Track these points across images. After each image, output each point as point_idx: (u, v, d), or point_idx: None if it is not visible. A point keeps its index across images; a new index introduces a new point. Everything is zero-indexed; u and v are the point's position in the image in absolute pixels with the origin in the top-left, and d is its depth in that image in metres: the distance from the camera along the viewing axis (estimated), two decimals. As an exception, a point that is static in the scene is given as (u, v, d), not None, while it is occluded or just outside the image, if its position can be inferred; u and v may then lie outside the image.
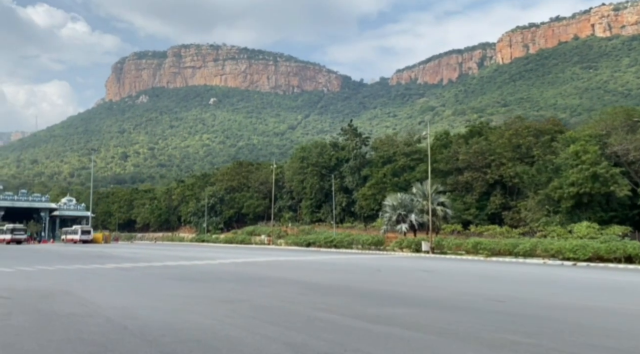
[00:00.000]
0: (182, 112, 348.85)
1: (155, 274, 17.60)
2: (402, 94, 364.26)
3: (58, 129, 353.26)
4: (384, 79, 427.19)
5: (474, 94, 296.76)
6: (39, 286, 13.25)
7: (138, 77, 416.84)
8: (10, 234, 62.46)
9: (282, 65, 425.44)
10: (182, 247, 54.45)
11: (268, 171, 76.30)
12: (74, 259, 28.15)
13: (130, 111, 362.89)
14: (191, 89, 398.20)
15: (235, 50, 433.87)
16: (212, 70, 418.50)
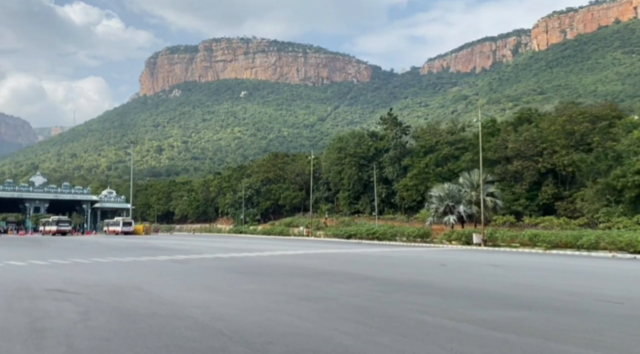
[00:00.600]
0: (213, 106, 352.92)
1: (214, 267, 16.93)
2: (434, 83, 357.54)
3: (95, 124, 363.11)
4: (415, 68, 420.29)
5: (509, 82, 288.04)
6: (102, 280, 12.68)
7: (171, 71, 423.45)
8: (55, 226, 63.94)
9: (311, 57, 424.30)
10: (222, 238, 54.32)
11: (304, 162, 75.50)
12: (123, 250, 28.02)
13: (163, 105, 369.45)
14: (222, 82, 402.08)
15: (265, 43, 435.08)
16: (243, 63, 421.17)
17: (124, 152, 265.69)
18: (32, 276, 13.62)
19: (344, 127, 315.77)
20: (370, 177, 59.67)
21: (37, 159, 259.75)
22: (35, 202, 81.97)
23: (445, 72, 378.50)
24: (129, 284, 11.90)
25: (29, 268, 16.51)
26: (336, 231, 52.17)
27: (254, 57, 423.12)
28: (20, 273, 14.47)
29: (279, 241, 44.97)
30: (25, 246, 34.59)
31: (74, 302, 9.04)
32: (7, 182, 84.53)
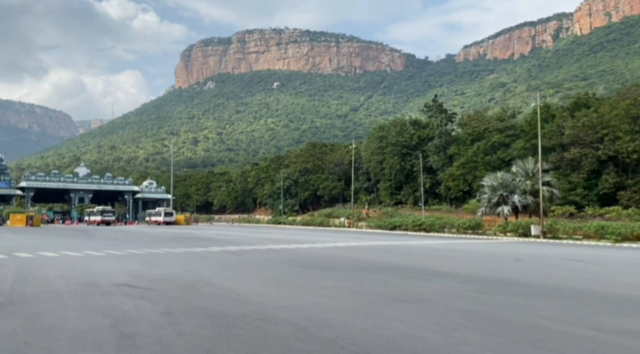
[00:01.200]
0: (247, 98, 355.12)
1: (273, 260, 16.01)
2: (470, 70, 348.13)
3: (132, 117, 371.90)
4: (450, 56, 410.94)
5: (549, 68, 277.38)
6: (167, 274, 11.90)
7: (205, 64, 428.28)
8: (100, 216, 65.13)
9: (344, 46, 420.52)
10: (263, 229, 53.84)
11: (343, 152, 74.31)
12: (172, 241, 27.63)
13: (198, 97, 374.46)
14: (255, 74, 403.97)
15: (297, 33, 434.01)
16: (275, 54, 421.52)
17: (161, 144, 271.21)
18: (93, 268, 13.01)
19: (377, 117, 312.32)
20: (413, 167, 57.89)
21: (79, 151, 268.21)
22: (80, 192, 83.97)
23: (481, 59, 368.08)
24: (196, 278, 11.05)
25: (87, 259, 16.02)
26: (379, 222, 50.83)
27: (287, 48, 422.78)
28: (80, 265, 13.91)
29: (322, 232, 44.04)
30: (75, 236, 34.86)
31: (150, 300, 8.19)
32: (53, 174, 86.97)
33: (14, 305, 7.58)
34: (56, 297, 8.35)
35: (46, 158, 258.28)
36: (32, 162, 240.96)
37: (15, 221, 55.37)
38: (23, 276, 11.27)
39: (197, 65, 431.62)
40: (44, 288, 9.44)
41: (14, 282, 10.16)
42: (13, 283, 10.06)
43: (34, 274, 11.56)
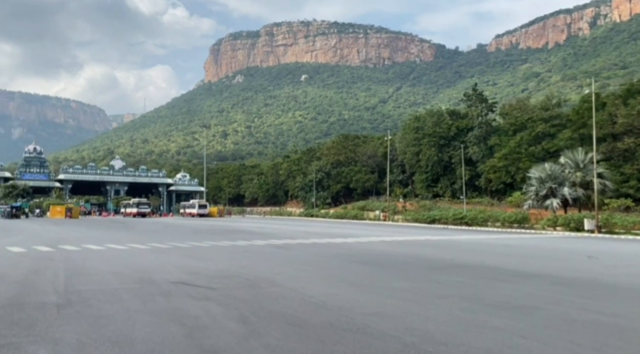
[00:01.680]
0: (275, 91, 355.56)
1: (325, 255, 15.08)
2: (502, 60, 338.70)
3: (164, 110, 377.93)
4: (482, 45, 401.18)
5: (586, 57, 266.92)
6: (223, 270, 11.11)
7: (234, 57, 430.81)
8: (136, 208, 65.81)
9: (372, 38, 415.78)
10: (297, 221, 53.05)
11: (376, 143, 72.90)
12: (212, 233, 27.12)
13: (227, 91, 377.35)
14: (283, 67, 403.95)
15: (326, 25, 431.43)
16: (303, 46, 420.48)
17: (192, 137, 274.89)
18: (143, 263, 12.36)
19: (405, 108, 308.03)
20: (451, 158, 56.08)
21: (112, 145, 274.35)
22: (115, 185, 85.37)
23: (514, 49, 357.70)
24: (255, 275, 10.20)
25: (133, 253, 15.47)
26: (416, 215, 49.37)
27: (314, 40, 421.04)
28: (129, 260, 13.31)
29: (359, 226, 42.99)
30: (114, 228, 34.89)
31: (216, 302, 7.35)
32: (89, 166, 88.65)
33: (73, 306, 6.85)
34: (115, 297, 7.61)
35: (82, 151, 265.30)
36: (68, 155, 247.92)
37: (55, 213, 56.41)
38: (74, 271, 10.67)
39: (226, 59, 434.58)
40: (99, 285, 8.76)
41: (66, 278, 9.54)
42: (66, 279, 9.43)
43: (85, 270, 10.96)
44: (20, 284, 8.73)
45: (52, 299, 7.35)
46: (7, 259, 12.88)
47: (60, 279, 9.46)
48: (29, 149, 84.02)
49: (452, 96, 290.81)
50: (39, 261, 12.65)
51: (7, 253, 14.56)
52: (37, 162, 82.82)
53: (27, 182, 75.53)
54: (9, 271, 10.51)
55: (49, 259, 12.96)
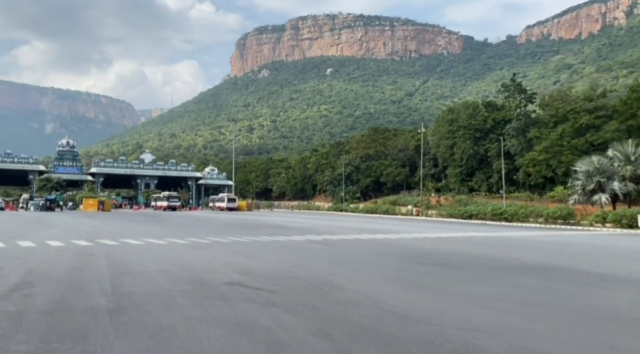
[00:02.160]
0: (300, 85, 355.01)
1: (376, 253, 14.07)
2: (533, 52, 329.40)
3: (191, 105, 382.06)
4: (511, 37, 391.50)
5: (622, 47, 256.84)
6: (275, 270, 10.23)
7: (259, 52, 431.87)
8: (166, 201, 66.10)
9: (398, 30, 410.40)
10: (328, 216, 52.18)
11: (407, 136, 71.31)
12: (246, 228, 26.45)
13: (253, 85, 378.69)
14: (308, 60, 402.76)
15: (351, 18, 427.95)
16: (328, 40, 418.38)
17: (218, 131, 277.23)
18: (188, 260, 11.61)
19: (433, 101, 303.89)
20: (487, 152, 54.13)
21: (141, 139, 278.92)
22: (146, 178, 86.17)
23: (545, 40, 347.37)
24: (311, 276, 9.28)
25: (174, 248, 14.79)
26: (451, 210, 47.84)
27: (340, 33, 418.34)
28: (172, 256, 12.60)
29: (393, 221, 41.83)
30: (148, 221, 34.66)
31: (284, 308, 6.44)
32: (120, 160, 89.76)
33: (126, 313, 6.05)
34: (169, 301, 6.79)
35: (111, 146, 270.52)
36: (98, 149, 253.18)
37: (88, 206, 57.05)
38: (119, 269, 9.96)
39: (252, 54, 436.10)
40: (149, 287, 7.98)
41: (112, 277, 8.81)
42: (112, 278, 8.70)
43: (129, 267, 10.25)
44: (65, 284, 8.03)
45: (101, 303, 6.57)
46: (48, 254, 12.34)
47: (105, 278, 8.73)
48: (62, 143, 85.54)
49: (480, 89, 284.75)
50: (80, 256, 12.05)
51: (47, 248, 14.07)
52: (70, 156, 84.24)
53: (61, 176, 76.87)
54: (51, 268, 9.87)
55: (90, 255, 12.35)
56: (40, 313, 5.96)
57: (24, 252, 12.73)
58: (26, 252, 12.71)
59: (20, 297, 6.89)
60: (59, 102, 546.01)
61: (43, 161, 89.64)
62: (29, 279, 8.42)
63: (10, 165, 79.14)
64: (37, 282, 8.20)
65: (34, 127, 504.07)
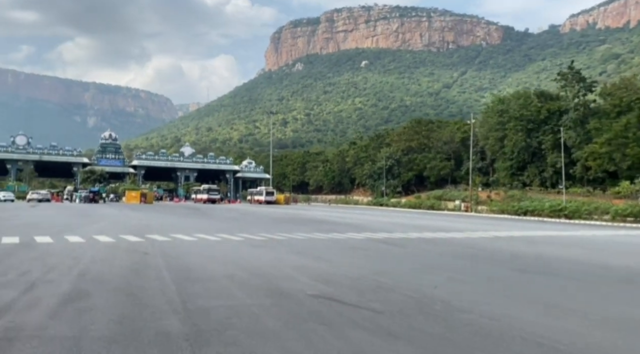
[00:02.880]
0: (334, 77, 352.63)
1: (457, 257, 12.34)
2: (577, 42, 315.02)
3: (226, 99, 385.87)
4: (554, 26, 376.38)
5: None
6: (355, 277, 8.69)
7: (294, 45, 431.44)
8: (206, 194, 65.83)
9: (436, 21, 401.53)
10: (371, 211, 50.33)
11: (452, 128, 68.49)
12: (295, 223, 25.14)
13: (287, 79, 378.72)
14: (343, 53, 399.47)
15: (387, 9, 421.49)
16: (364, 32, 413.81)
17: (253, 125, 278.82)
18: (253, 262, 10.25)
19: (471, 93, 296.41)
20: (541, 144, 50.97)
21: (179, 133, 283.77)
22: (185, 171, 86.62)
23: (591, 29, 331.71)
24: (409, 289, 7.67)
25: (229, 246, 13.51)
26: (503, 206, 45.20)
27: (375, 25, 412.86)
28: (233, 256, 11.30)
29: (443, 217, 39.72)
30: (192, 214, 33.91)
31: (411, 343, 4.88)
32: (161, 153, 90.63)
33: (209, 342, 4.63)
34: (256, 324, 5.34)
35: (150, 139, 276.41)
36: (138, 143, 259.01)
37: (130, 198, 57.31)
38: (181, 273, 8.66)
39: (286, 47, 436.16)
40: (224, 300, 6.58)
41: (176, 284, 7.49)
42: (177, 286, 7.38)
43: (192, 271, 8.93)
44: (125, 294, 6.74)
45: (174, 325, 5.20)
46: (99, 252, 11.23)
47: (169, 285, 7.42)
48: (104, 135, 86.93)
49: (521, 80, 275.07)
50: (133, 255, 10.89)
51: (96, 244, 13.03)
52: (112, 149, 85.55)
53: (104, 168, 78.08)
54: (105, 271, 8.67)
55: (144, 253, 11.17)
56: (101, 340, 4.63)
57: (73, 249, 11.70)
58: (76, 249, 11.68)
59: (75, 314, 5.61)
60: (100, 97, 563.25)
61: (86, 154, 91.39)
62: (82, 287, 7.20)
63: (56, 157, 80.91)
64: (92, 290, 6.95)
65: (77, 120, 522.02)
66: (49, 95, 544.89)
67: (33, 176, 78.40)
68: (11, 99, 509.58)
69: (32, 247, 11.79)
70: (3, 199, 53.42)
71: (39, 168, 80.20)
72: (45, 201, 55.95)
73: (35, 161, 78.25)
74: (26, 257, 10.04)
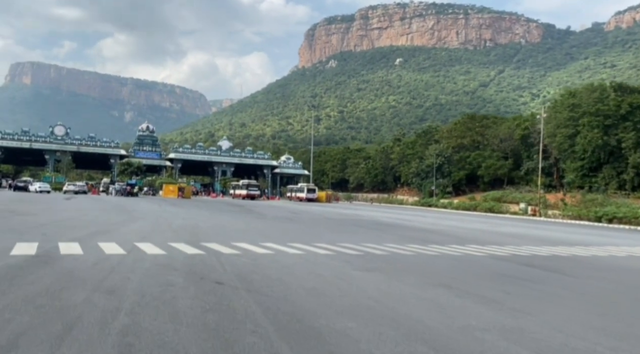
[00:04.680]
0: (368, 75, 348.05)
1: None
2: (623, 40, 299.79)
3: (260, 96, 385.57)
4: (598, 24, 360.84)
5: None
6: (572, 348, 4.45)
7: (328, 42, 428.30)
8: (245, 190, 62.50)
9: (473, 18, 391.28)
10: (423, 212, 45.44)
11: (511, 124, 62.88)
12: (361, 227, 21.06)
13: (320, 76, 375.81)
14: (377, 51, 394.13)
15: (423, 6, 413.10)
16: (398, 29, 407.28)
17: (286, 121, 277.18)
18: (385, 301, 6.19)
19: (509, 92, 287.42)
20: (620, 142, 45.17)
21: (213, 128, 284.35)
22: (222, 165, 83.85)
23: (638, 27, 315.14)
24: None
25: (330, 269, 9.37)
26: (581, 211, 39.82)
27: (411, 22, 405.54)
28: (347, 288, 7.18)
29: (512, 221, 34.86)
30: (239, 212, 30.14)
31: None
32: (198, 146, 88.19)
33: None
34: None
35: (185, 134, 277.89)
36: (173, 137, 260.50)
37: (168, 192, 54.42)
38: (292, 327, 4.62)
39: (320, 44, 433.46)
40: None
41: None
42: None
43: (306, 321, 4.87)
44: None
45: None
46: (147, 280, 7.20)
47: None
48: (142, 127, 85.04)
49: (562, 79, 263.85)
50: (202, 287, 6.90)
51: (141, 260, 9.06)
52: (149, 141, 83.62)
53: (141, 160, 76.01)
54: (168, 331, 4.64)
55: (216, 283, 7.17)
56: None
57: (110, 270, 7.82)
58: (113, 271, 7.78)
59: None
60: (137, 92, 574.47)
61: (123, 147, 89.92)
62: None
63: (93, 149, 79.50)
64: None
65: (115, 115, 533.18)
66: (89, 90, 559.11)
67: (70, 167, 77.03)
68: (53, 93, 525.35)
69: (48, 265, 7.96)
70: (39, 190, 51.37)
71: (77, 159, 78.94)
72: (82, 193, 53.71)
73: (73, 152, 76.92)
74: (32, 292, 6.11)
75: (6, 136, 75.39)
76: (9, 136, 75.87)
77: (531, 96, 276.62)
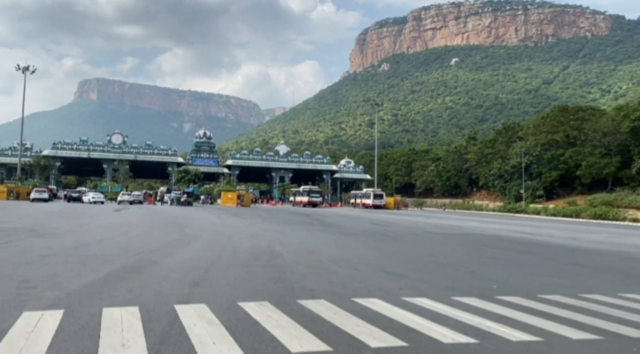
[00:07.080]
0: (422, 76, 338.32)
1: None
2: None
3: (311, 102, 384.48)
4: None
5: None
6: None
7: (379, 46, 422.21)
8: (307, 197, 57.10)
9: (533, 14, 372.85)
10: (519, 221, 37.79)
11: (615, 116, 53.58)
12: (504, 251, 14.54)
13: (372, 80, 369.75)
14: (431, 51, 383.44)
15: (479, 4, 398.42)
16: (453, 29, 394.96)
17: (339, 127, 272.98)
18: None
19: (576, 89, 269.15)
20: None
21: (267, 136, 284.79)
22: (280, 171, 79.61)
23: None
24: None
25: None
26: None
27: (466, 21, 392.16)
28: None
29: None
30: (311, 225, 24.23)
31: None
32: (255, 152, 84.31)
33: None
34: None
35: (240, 142, 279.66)
36: (229, 146, 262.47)
37: (226, 200, 49.88)
38: None
39: (372, 48, 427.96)
40: None
41: None
42: None
43: None
44: None
45: None
46: None
47: None
48: (199, 134, 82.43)
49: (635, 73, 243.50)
50: None
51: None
52: (207, 147, 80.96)
53: (198, 168, 73.03)
54: None
55: None
56: None
57: None
58: None
59: None
60: (194, 104, 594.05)
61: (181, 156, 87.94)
62: None
63: (151, 157, 77.65)
64: None
65: (174, 126, 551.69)
66: (150, 103, 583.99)
67: (128, 176, 75.15)
68: (117, 107, 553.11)
69: None
70: (92, 200, 48.10)
71: (134, 168, 77.19)
72: (137, 202, 50.09)
73: (131, 160, 75.15)
74: None
75: (65, 146, 74.58)
76: (68, 145, 75.05)
77: (601, 91, 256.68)
